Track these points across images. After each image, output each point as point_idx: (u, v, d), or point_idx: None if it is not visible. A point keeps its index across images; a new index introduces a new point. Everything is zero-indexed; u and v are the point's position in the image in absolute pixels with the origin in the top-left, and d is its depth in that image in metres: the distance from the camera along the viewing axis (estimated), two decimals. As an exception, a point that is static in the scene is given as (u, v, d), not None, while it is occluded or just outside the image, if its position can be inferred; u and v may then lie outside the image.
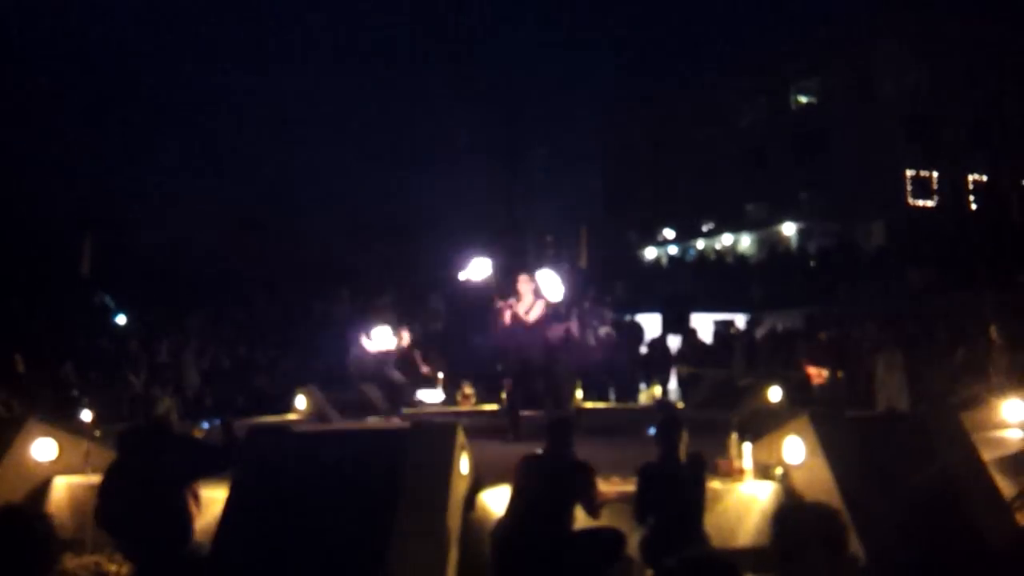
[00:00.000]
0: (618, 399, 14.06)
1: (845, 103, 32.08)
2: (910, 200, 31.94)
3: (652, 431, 5.62)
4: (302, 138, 44.99)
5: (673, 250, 36.69)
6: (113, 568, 5.66)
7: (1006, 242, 19.26)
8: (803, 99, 35.00)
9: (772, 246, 30.96)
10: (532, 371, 8.60)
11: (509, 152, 33.72)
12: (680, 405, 11.98)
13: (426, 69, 54.86)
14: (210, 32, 51.63)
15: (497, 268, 9.18)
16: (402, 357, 11.55)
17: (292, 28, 59.18)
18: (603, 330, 16.95)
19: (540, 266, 9.10)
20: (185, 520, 5.09)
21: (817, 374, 13.23)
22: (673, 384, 14.82)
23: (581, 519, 5.23)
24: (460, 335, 15.74)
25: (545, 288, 8.58)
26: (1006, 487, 5.94)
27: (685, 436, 5.40)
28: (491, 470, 5.77)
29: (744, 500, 5.74)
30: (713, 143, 36.63)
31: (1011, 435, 7.12)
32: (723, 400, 10.45)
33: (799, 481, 5.76)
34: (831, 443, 5.67)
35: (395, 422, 9.84)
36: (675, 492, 5.22)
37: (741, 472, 5.89)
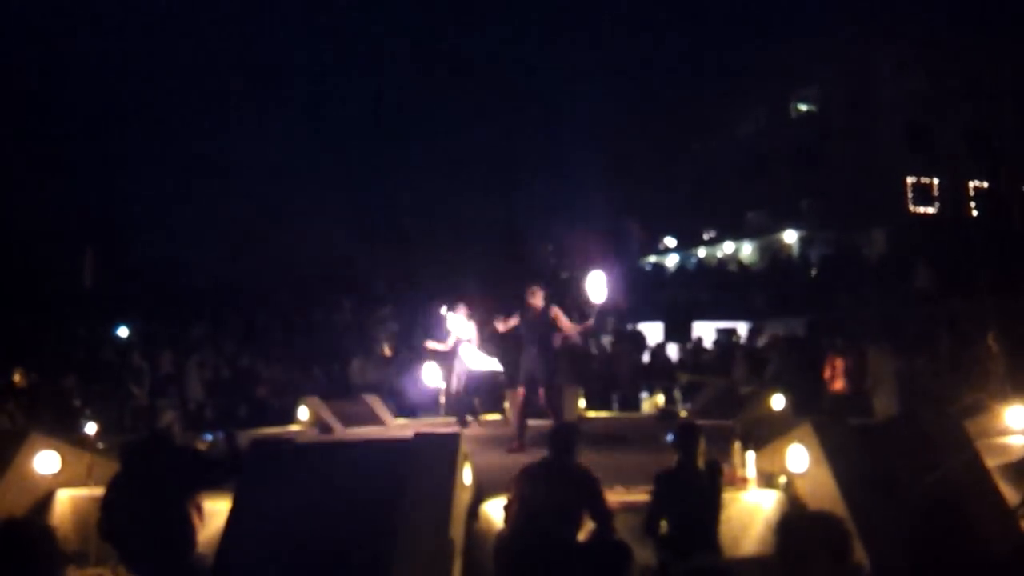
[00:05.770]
0: (621, 408, 14.06)
1: (845, 111, 32.09)
2: (911, 207, 31.93)
3: (670, 438, 5.60)
4: (303, 147, 45.11)
5: (674, 258, 36.68)
6: (116, 580, 5.65)
7: (1007, 248, 19.25)
8: (803, 107, 35.02)
9: (773, 254, 30.94)
10: (536, 381, 8.61)
11: (510, 161, 33.78)
12: (683, 413, 11.96)
13: (428, 77, 55.02)
14: (209, 44, 51.83)
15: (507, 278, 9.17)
16: None
17: (290, 34, 59.39)
18: (605, 339, 16.99)
19: (542, 274, 9.08)
20: (188, 532, 5.08)
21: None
22: (675, 392, 14.81)
23: (586, 529, 5.21)
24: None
25: (591, 290, 8.66)
26: (1010, 494, 5.91)
27: (703, 443, 5.39)
28: (494, 480, 5.76)
29: (748, 509, 5.73)
30: (714, 151, 36.67)
31: (1015, 442, 7.10)
32: (725, 408, 10.44)
33: (803, 489, 5.75)
34: (835, 451, 5.66)
35: (398, 432, 9.82)
36: (692, 500, 5.21)
37: (744, 481, 5.88)
